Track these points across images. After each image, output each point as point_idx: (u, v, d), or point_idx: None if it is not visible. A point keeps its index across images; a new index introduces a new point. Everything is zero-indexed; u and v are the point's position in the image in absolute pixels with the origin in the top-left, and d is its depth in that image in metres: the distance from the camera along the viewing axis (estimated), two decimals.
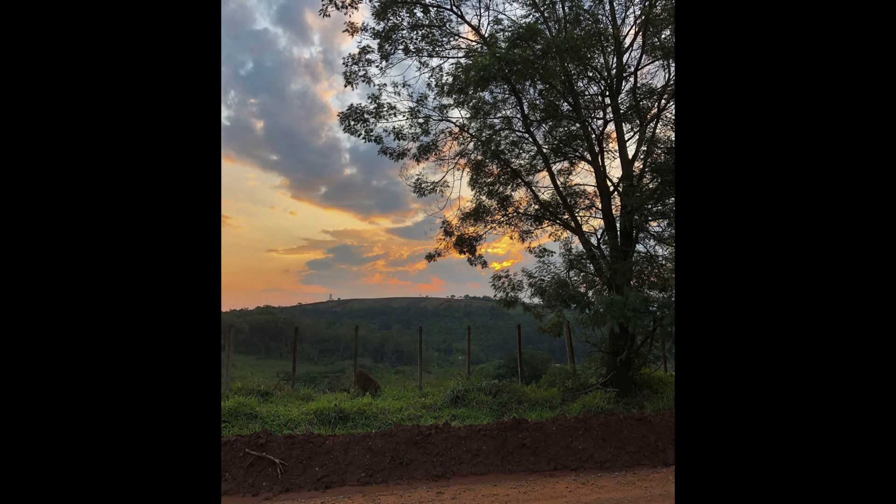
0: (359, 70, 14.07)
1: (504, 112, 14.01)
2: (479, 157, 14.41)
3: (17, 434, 1.96)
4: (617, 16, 13.24)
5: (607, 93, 13.48)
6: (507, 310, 14.22)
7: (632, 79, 13.32)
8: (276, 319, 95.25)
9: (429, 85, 14.56)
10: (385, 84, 14.65)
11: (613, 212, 13.22)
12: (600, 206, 13.53)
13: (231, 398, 10.30)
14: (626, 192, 12.11)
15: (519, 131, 14.09)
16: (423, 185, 15.11)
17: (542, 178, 15.03)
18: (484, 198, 14.84)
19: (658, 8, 11.97)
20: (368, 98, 13.98)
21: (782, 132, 2.26)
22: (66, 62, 2.16)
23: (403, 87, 14.60)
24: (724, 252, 2.31)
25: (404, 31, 13.61)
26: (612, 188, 13.40)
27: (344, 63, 14.15)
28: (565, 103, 13.36)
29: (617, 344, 12.27)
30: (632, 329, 11.56)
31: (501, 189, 14.74)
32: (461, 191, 63.50)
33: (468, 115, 14.16)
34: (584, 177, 30.55)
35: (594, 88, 14.04)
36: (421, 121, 14.34)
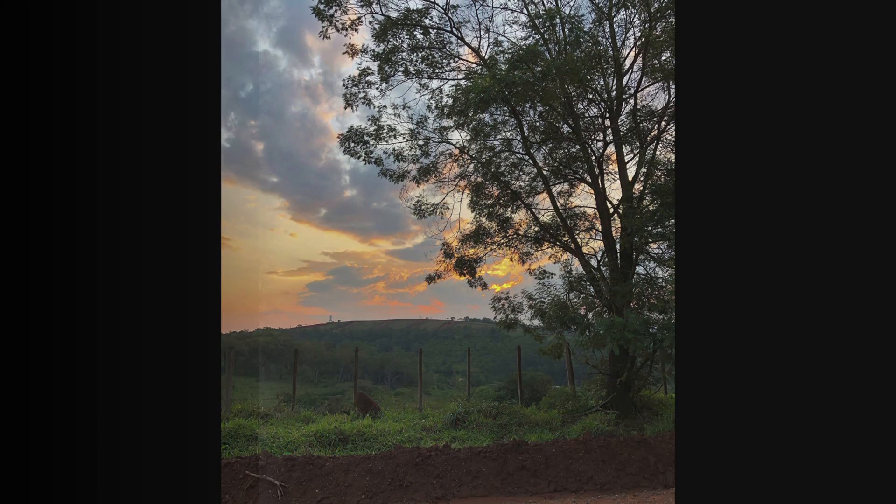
0: (359, 92, 14.14)
1: (504, 134, 14.06)
2: (479, 179, 14.46)
3: (17, 452, 1.96)
4: (617, 38, 13.30)
5: (607, 115, 13.51)
6: (507, 332, 14.17)
7: (632, 101, 13.38)
8: (276, 341, 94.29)
9: (429, 107, 14.55)
10: (385, 106, 14.77)
11: (613, 234, 13.22)
12: (600, 228, 13.52)
13: (231, 420, 10.24)
14: (626, 214, 12.13)
15: (519, 153, 14.15)
16: (423, 207, 15.11)
17: (542, 200, 15.04)
18: (484, 220, 14.83)
19: (658, 30, 12.03)
20: (368, 120, 14.05)
21: (782, 154, 2.28)
22: (70, 80, 2.19)
23: (403, 108, 14.66)
24: (725, 274, 2.32)
25: (404, 53, 13.68)
26: (612, 210, 13.40)
27: (344, 85, 14.24)
28: (565, 125, 13.41)
29: (617, 366, 12.19)
30: (632, 351, 11.50)
31: (501, 211, 14.73)
32: (461, 213, 63.41)
33: (468, 137, 14.21)
34: (584, 199, 30.55)
35: (594, 110, 14.09)
36: (421, 143, 14.40)
